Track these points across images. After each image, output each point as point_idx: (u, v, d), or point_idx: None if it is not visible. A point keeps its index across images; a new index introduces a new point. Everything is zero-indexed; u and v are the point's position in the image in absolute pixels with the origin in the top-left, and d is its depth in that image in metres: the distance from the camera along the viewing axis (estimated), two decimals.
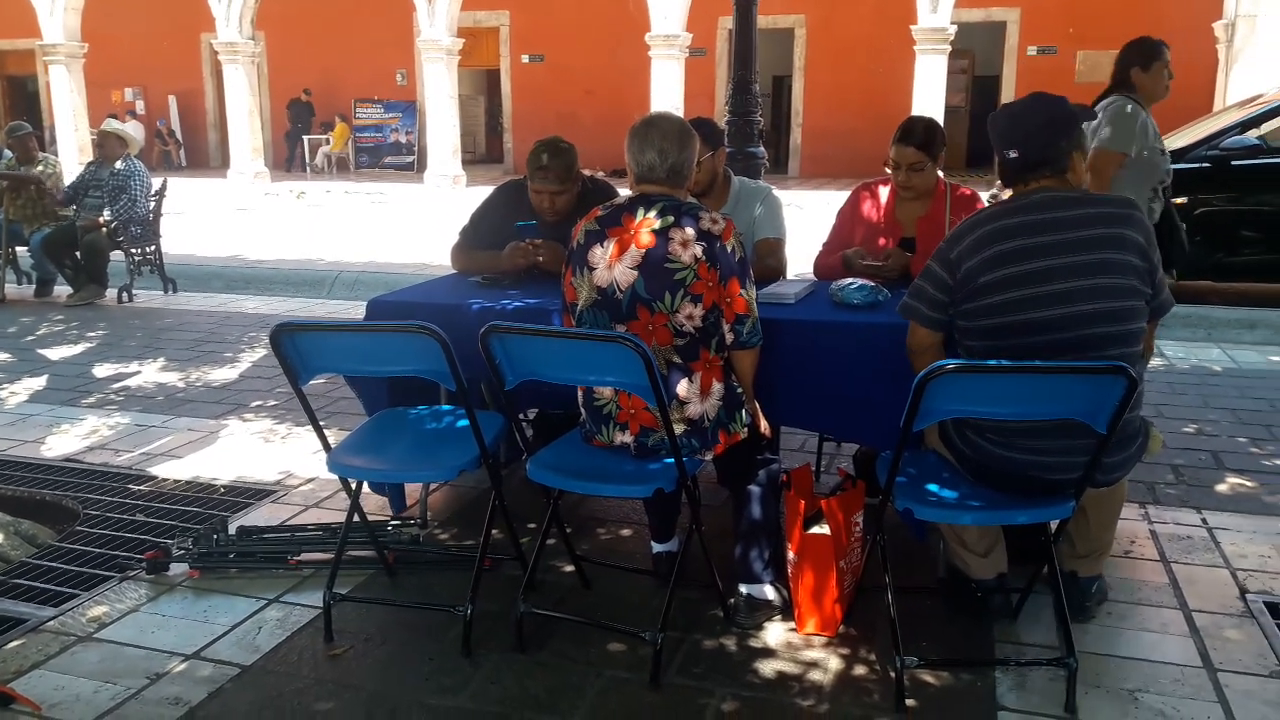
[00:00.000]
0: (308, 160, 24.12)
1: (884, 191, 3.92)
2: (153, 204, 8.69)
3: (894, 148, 3.74)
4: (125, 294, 8.55)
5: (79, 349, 6.83)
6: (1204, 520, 3.72)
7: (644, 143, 2.84)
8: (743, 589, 3.02)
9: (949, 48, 16.88)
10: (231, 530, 3.58)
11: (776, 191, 4.08)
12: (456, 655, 2.81)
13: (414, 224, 14.18)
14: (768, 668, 2.75)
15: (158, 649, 2.87)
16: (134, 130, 15.61)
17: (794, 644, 2.87)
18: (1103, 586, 3.05)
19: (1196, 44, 16.92)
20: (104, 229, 8.34)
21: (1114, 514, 2.99)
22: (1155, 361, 6.26)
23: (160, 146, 25.35)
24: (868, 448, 3.80)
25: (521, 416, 4.12)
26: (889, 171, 3.81)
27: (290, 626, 2.99)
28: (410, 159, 23.78)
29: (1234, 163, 7.73)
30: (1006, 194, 2.86)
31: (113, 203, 8.33)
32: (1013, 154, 2.70)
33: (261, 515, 3.81)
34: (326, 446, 2.99)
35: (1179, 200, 7.80)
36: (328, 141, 24.01)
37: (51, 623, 3.00)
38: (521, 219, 3.84)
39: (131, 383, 5.89)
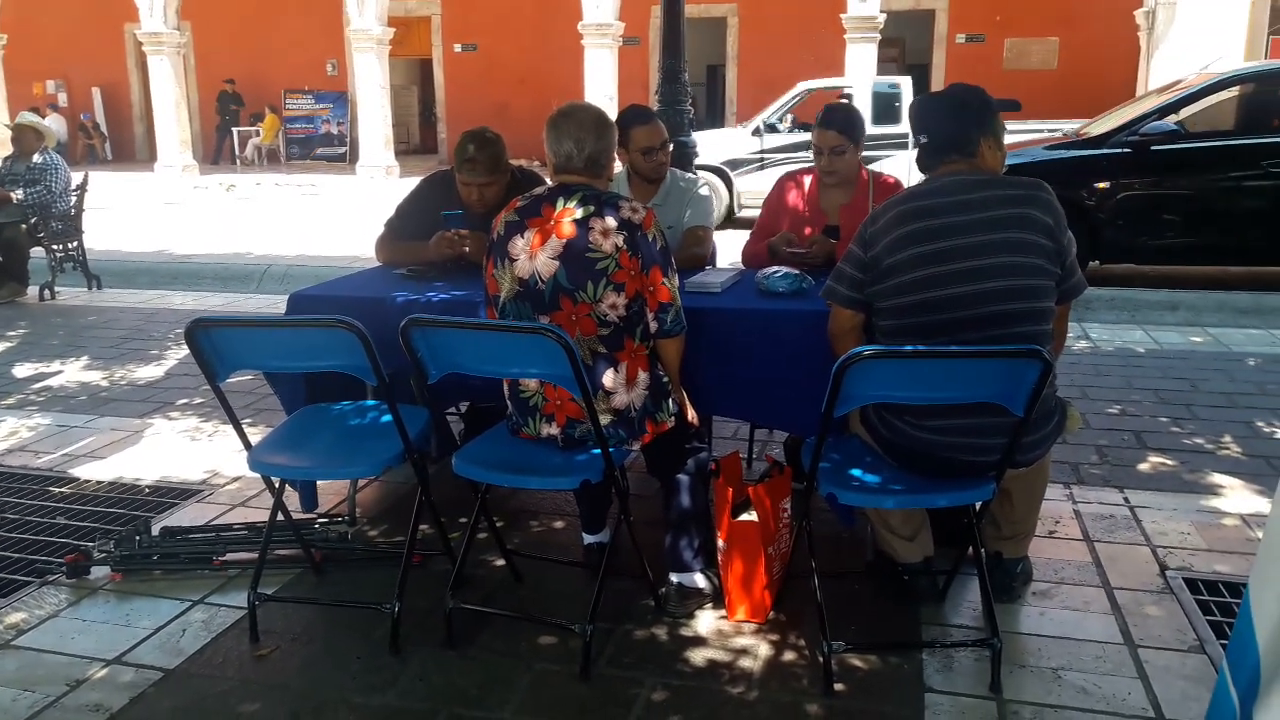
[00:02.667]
0: (237, 152, 23.68)
1: (808, 181, 3.95)
2: (74, 199, 8.48)
3: (814, 131, 3.79)
4: (47, 291, 8.33)
5: None
6: (1126, 499, 3.80)
7: (561, 133, 2.83)
8: (673, 578, 3.02)
9: (879, 36, 17.04)
10: (155, 531, 3.50)
11: (708, 183, 4.11)
12: (384, 653, 2.77)
13: (346, 216, 14.00)
14: (698, 656, 2.76)
15: (78, 655, 2.80)
16: (53, 123, 15.19)
17: (724, 631, 2.88)
18: (1027, 567, 3.11)
19: (1119, 31, 17.33)
20: (24, 225, 8.12)
21: (1037, 495, 3.04)
22: (1080, 343, 6.39)
23: (84, 140, 24.71)
24: (795, 434, 3.82)
25: (453, 410, 4.10)
26: (813, 157, 3.85)
27: (215, 628, 2.94)
28: (342, 150, 23.46)
29: (1154, 148, 7.90)
30: None
31: (26, 190, 8.09)
32: (924, 138, 2.79)
33: (186, 516, 3.73)
34: (247, 444, 2.93)
35: (1101, 185, 8.01)
36: (258, 133, 23.58)
37: None
38: (451, 209, 3.80)
39: (53, 382, 5.74)
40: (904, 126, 12.25)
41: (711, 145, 12.54)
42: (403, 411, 2.78)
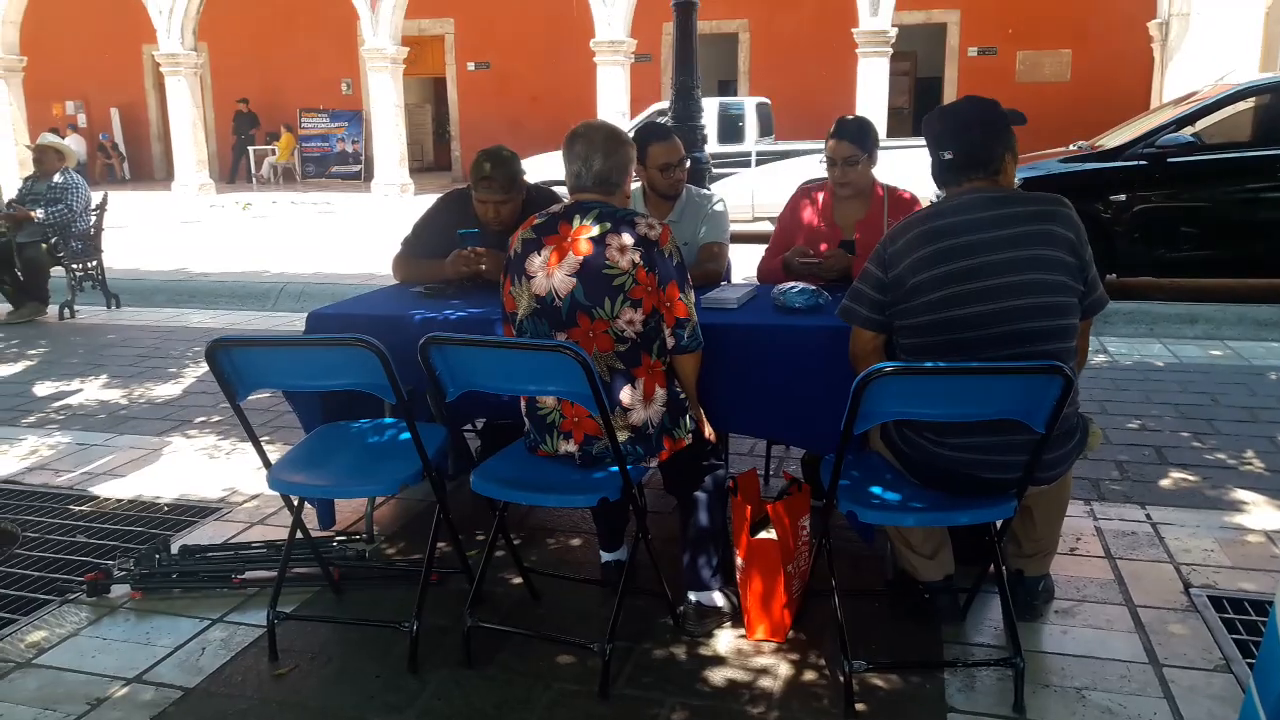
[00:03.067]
0: (253, 171, 23.84)
1: (822, 196, 3.94)
2: (93, 218, 8.55)
3: (828, 144, 3.78)
4: (67, 310, 8.39)
5: (19, 367, 6.68)
6: (1148, 516, 3.77)
7: (571, 153, 2.86)
8: (691, 596, 3.01)
9: (890, 50, 17.05)
10: (174, 549, 3.51)
11: (724, 199, 4.11)
12: (403, 672, 2.77)
13: (361, 233, 14.06)
14: (717, 675, 2.74)
15: (99, 673, 2.80)
16: (73, 143, 15.32)
17: (743, 651, 2.86)
18: (1049, 585, 3.08)
19: (1132, 43, 17.29)
20: (44, 244, 8.19)
21: (1059, 512, 3.01)
22: (1099, 358, 6.36)
23: (103, 160, 24.92)
24: (813, 451, 3.81)
25: (469, 426, 4.11)
26: (826, 170, 3.84)
27: (234, 647, 2.94)
28: (357, 168, 23.59)
29: (1170, 160, 7.87)
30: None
31: (47, 210, 8.17)
32: (948, 155, 2.74)
33: (205, 534, 3.74)
34: (266, 463, 2.94)
35: (1117, 197, 7.98)
36: (273, 152, 23.74)
37: None
38: (465, 228, 3.82)
39: (73, 401, 5.77)
40: (748, 145, 12.81)
41: (546, 165, 12.84)
42: (420, 429, 2.78)
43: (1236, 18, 14.17)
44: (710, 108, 12.61)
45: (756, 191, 12.21)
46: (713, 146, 11.54)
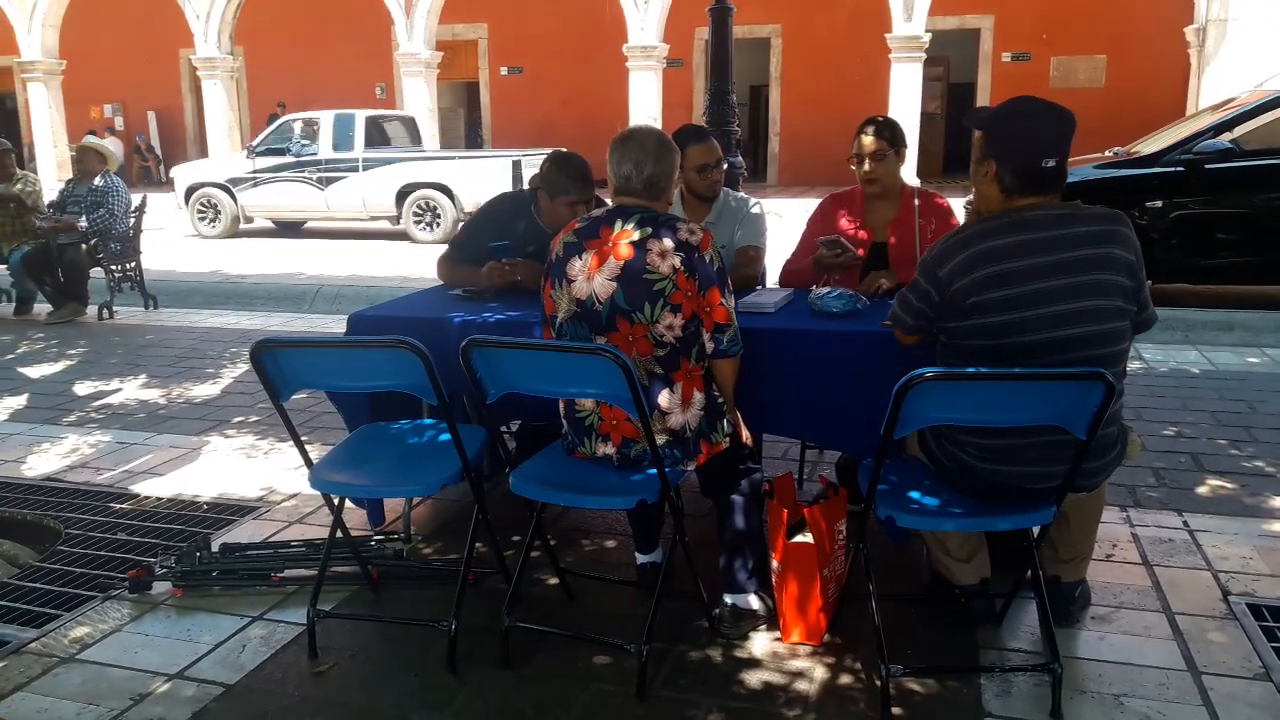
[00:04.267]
0: None
1: (852, 200, 3.94)
2: (132, 220, 8.66)
3: (856, 140, 3.79)
4: (106, 311, 8.50)
5: (59, 367, 6.78)
6: (1185, 523, 3.74)
7: (621, 155, 2.86)
8: (727, 599, 3.02)
9: (924, 55, 17.00)
10: (214, 547, 3.56)
11: (760, 203, 4.12)
12: (441, 671, 2.80)
13: (395, 237, 14.16)
14: (753, 678, 2.75)
15: (141, 669, 2.85)
16: (113, 146, 15.53)
17: (779, 654, 2.87)
18: (1086, 591, 3.07)
19: (1169, 49, 17.14)
20: (84, 245, 8.31)
21: (1095, 518, 3.00)
22: (1134, 365, 6.31)
23: (140, 162, 25.25)
24: (850, 455, 3.81)
25: (505, 428, 4.14)
26: (854, 168, 3.83)
27: (274, 644, 2.98)
28: None
29: (1208, 166, 7.79)
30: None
31: (89, 215, 8.30)
32: (1052, 162, 2.57)
33: (245, 532, 3.79)
34: (308, 462, 2.97)
35: (1154, 204, 7.91)
36: None
37: (33, 644, 2.98)
38: (514, 230, 3.85)
39: (112, 400, 5.85)
40: (358, 152, 14.26)
41: (215, 167, 15.62)
42: (460, 430, 2.81)
43: (1275, 23, 14.03)
44: (327, 118, 14.76)
45: (366, 194, 14.29)
46: (330, 153, 14.33)
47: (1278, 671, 2.71)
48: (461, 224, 4.14)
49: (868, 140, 3.76)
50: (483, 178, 13.31)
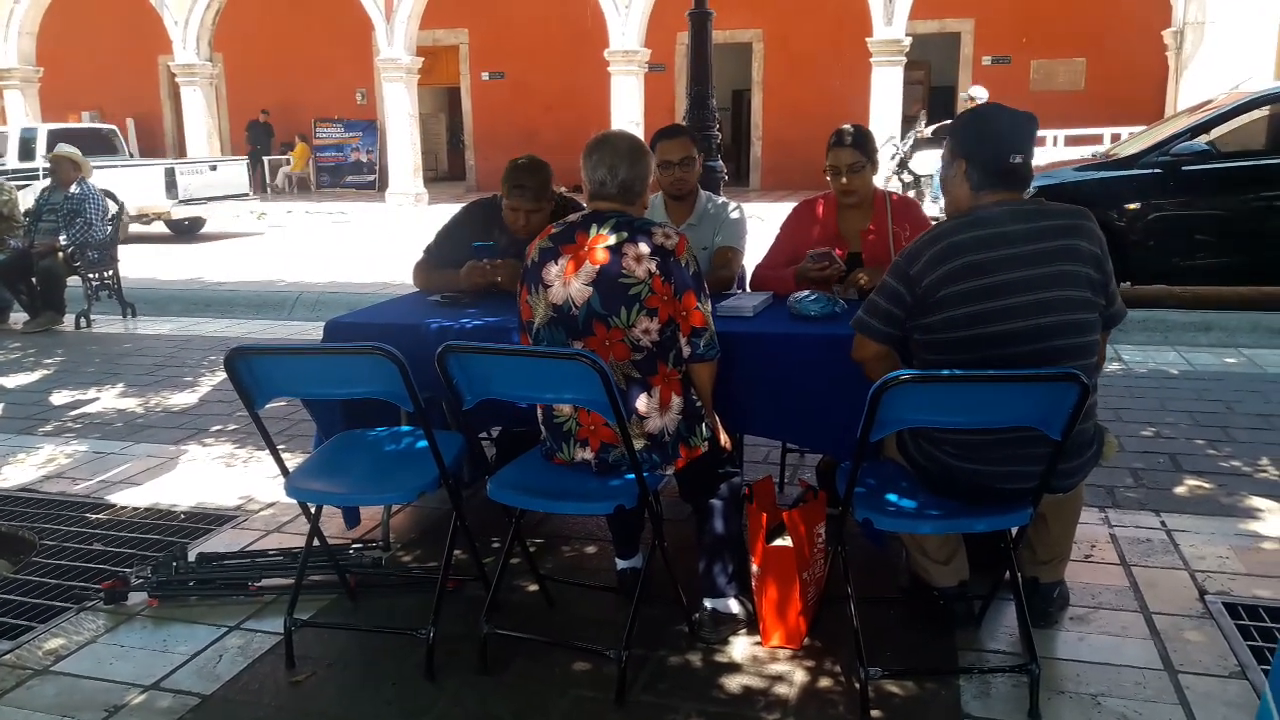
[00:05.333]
0: (268, 181, 23.97)
1: (824, 207, 3.93)
2: (109, 228, 8.61)
3: (831, 153, 3.78)
4: (83, 320, 8.45)
5: (35, 376, 6.73)
6: (1163, 523, 3.76)
7: (596, 160, 2.86)
8: (707, 603, 3.01)
9: (904, 59, 17.06)
10: (191, 557, 3.53)
11: (741, 206, 4.12)
12: (420, 679, 2.78)
13: (376, 243, 14.12)
14: (733, 682, 2.75)
15: (116, 680, 2.82)
16: None
17: (759, 657, 2.87)
18: (1064, 591, 3.08)
19: (1147, 51, 17.24)
20: (59, 254, 8.26)
21: (1073, 519, 3.01)
22: (1113, 365, 6.34)
23: None
24: (829, 458, 3.81)
25: (485, 434, 4.12)
26: (829, 180, 3.83)
27: (251, 654, 2.96)
28: (371, 178, 23.69)
29: (1185, 168, 7.85)
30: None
31: (68, 227, 8.26)
32: (1017, 158, 2.66)
33: (222, 541, 3.76)
34: (284, 471, 2.96)
35: (1132, 205, 7.97)
36: (288, 162, 23.87)
37: (7, 656, 2.95)
38: (487, 238, 3.84)
39: (89, 409, 5.81)
40: (37, 162, 14.84)
41: None
42: (437, 437, 2.80)
43: (1251, 26, 14.15)
44: (14, 129, 15.99)
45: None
46: (16, 163, 15.27)
47: (1253, 670, 2.72)
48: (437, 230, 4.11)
49: (845, 154, 3.75)
50: (137, 185, 14.47)
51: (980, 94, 13.75)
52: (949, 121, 3.11)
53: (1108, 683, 2.69)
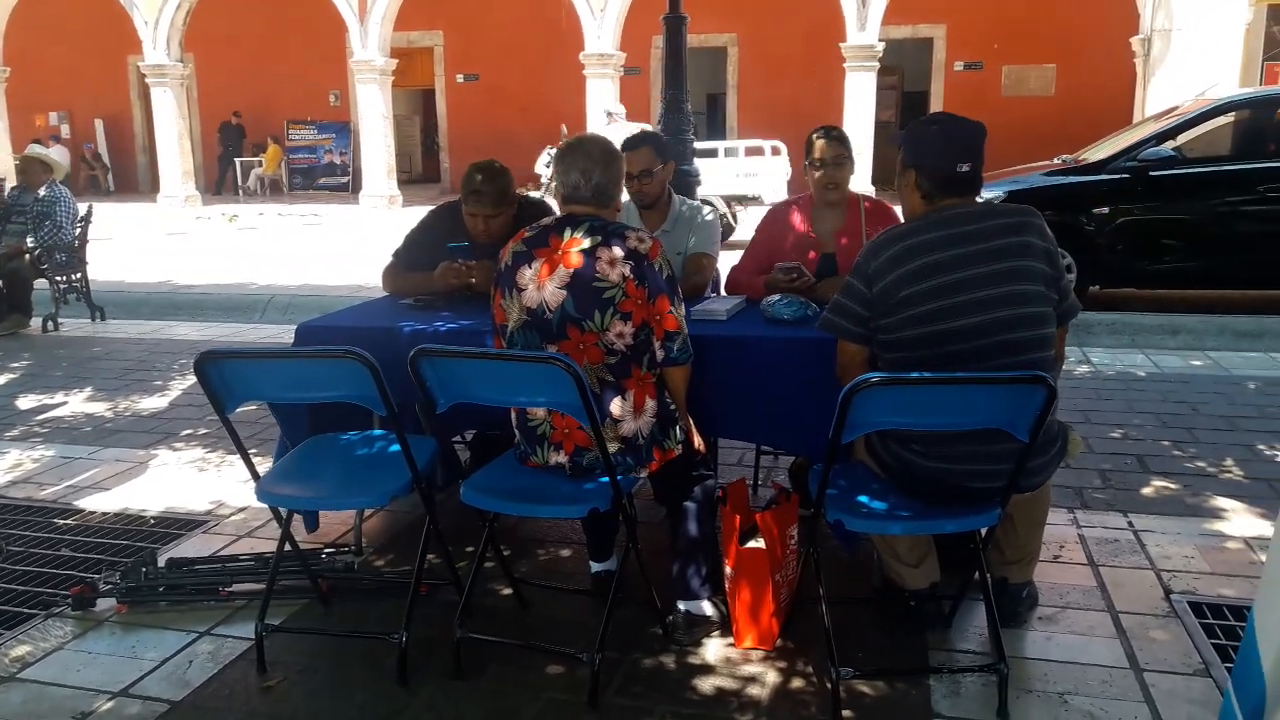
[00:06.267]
0: (240, 183, 23.82)
1: (799, 211, 3.95)
2: (78, 230, 8.53)
3: (814, 146, 3.81)
4: (51, 323, 8.35)
5: (2, 380, 6.65)
6: (1130, 523, 3.81)
7: (569, 164, 2.87)
8: (681, 606, 3.02)
9: (878, 64, 17.18)
10: (161, 563, 3.50)
11: (715, 210, 4.13)
12: (392, 684, 2.77)
13: (349, 245, 14.05)
14: (706, 684, 2.76)
15: (84, 687, 2.80)
16: (58, 155, 15.29)
17: (732, 659, 2.88)
18: (1033, 592, 3.11)
19: (1115, 59, 17.45)
20: (27, 256, 8.17)
21: (1040, 520, 3.05)
22: (1082, 368, 6.41)
23: (87, 171, 24.86)
24: (802, 459, 3.83)
25: (459, 438, 4.12)
26: (810, 176, 3.85)
27: (222, 659, 2.94)
28: (345, 180, 23.60)
29: (1152, 173, 7.95)
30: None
31: (36, 229, 8.18)
32: (965, 167, 2.73)
33: (192, 546, 3.74)
34: (255, 476, 2.94)
35: (1100, 210, 8.06)
36: (260, 163, 23.72)
37: None
38: (460, 240, 3.83)
39: (57, 414, 5.75)
40: None
41: None
42: (410, 441, 2.80)
43: (1217, 34, 14.34)
44: None
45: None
46: None
47: (1217, 667, 2.76)
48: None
49: (831, 146, 3.79)
50: None
51: (618, 109, 14.27)
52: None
53: (1075, 681, 2.73)
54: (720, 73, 22.17)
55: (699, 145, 14.97)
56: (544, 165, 14.84)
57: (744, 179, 13.77)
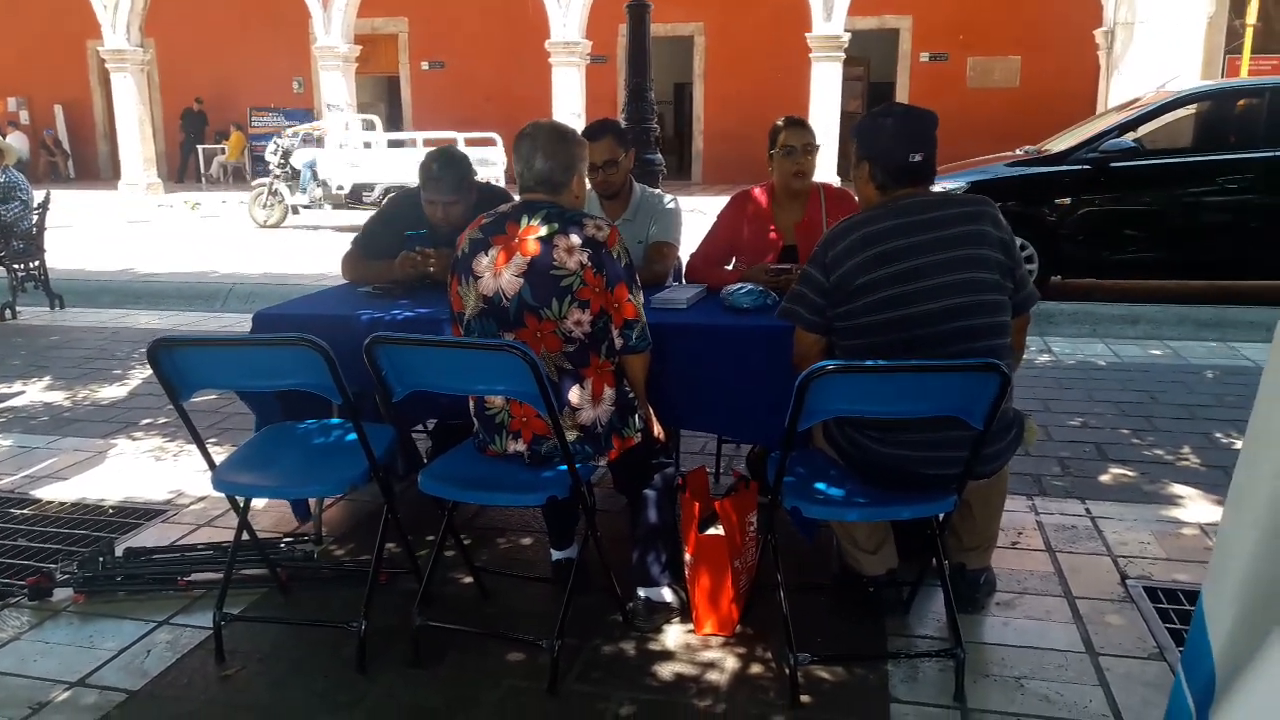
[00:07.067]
0: (203, 170, 23.54)
1: (762, 199, 3.95)
2: (35, 217, 8.40)
3: (785, 133, 3.79)
4: (8, 311, 8.23)
5: None
6: (1088, 510, 3.86)
7: (517, 151, 2.86)
8: (641, 592, 3.03)
9: (844, 54, 17.23)
10: (119, 552, 3.47)
11: (677, 199, 4.12)
12: (351, 672, 2.76)
13: (312, 234, 13.94)
14: (666, 670, 2.77)
15: (41, 677, 2.77)
16: (15, 141, 15.08)
17: (692, 645, 2.89)
18: (991, 578, 3.14)
19: (1079, 51, 17.59)
20: None
21: (998, 506, 3.08)
22: (1043, 357, 6.47)
23: (46, 158, 24.49)
24: (761, 448, 3.84)
25: (420, 427, 4.10)
26: (778, 164, 3.83)
27: (180, 649, 2.91)
28: None
29: (1113, 164, 8.03)
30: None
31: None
32: (918, 157, 2.76)
33: (151, 536, 3.70)
34: (211, 465, 2.91)
35: (1062, 201, 8.14)
36: (223, 151, 23.46)
37: None
38: (418, 228, 3.80)
39: (14, 403, 5.67)
40: None
41: None
42: (368, 429, 2.78)
43: (1179, 27, 14.50)
44: None
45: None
46: None
47: (1171, 651, 2.80)
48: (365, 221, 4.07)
49: (801, 133, 3.79)
50: None
51: (337, 101, 15.47)
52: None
53: (1031, 665, 2.76)
54: (688, 62, 22.15)
55: (397, 135, 16.05)
56: (271, 154, 15.63)
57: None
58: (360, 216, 14.73)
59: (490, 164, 15.04)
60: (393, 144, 15.99)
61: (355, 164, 15.26)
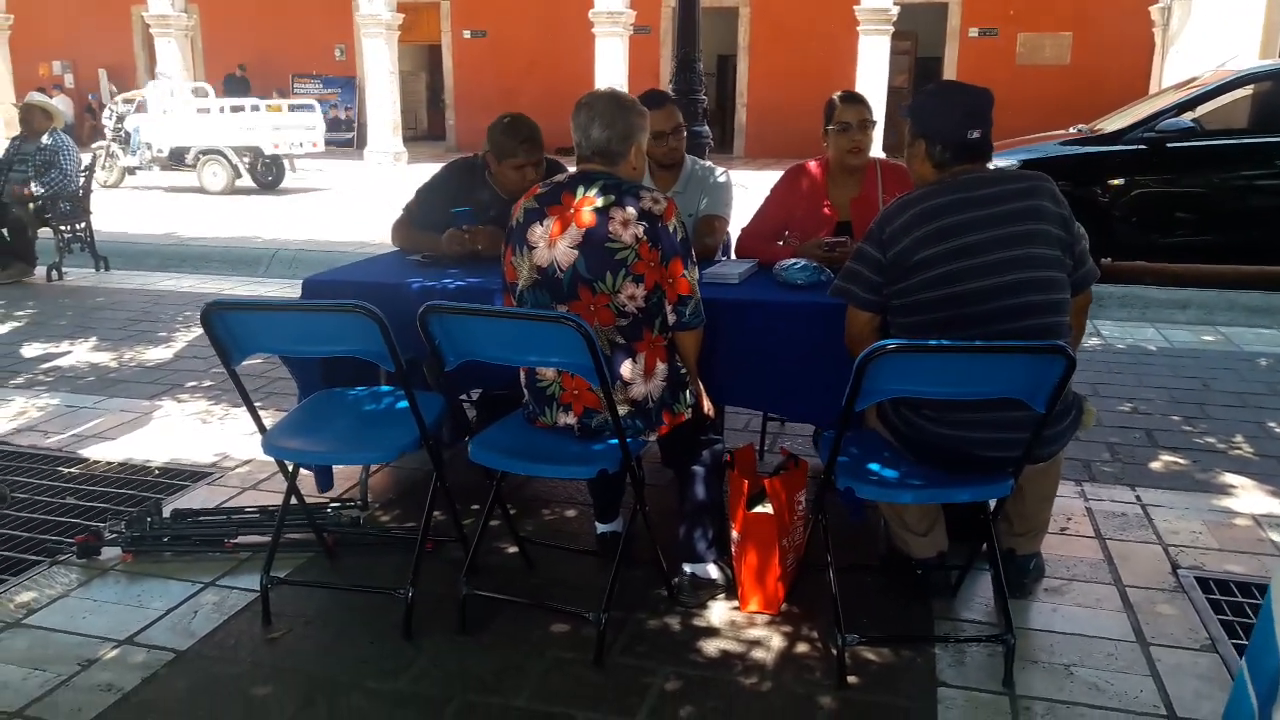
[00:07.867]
0: None
1: (817, 174, 3.89)
2: (82, 179, 8.47)
3: (841, 109, 3.72)
4: (55, 272, 8.32)
5: (6, 329, 6.63)
6: (1138, 497, 3.79)
7: (576, 120, 2.82)
8: (686, 568, 3.02)
9: (891, 29, 16.99)
10: (166, 513, 3.50)
11: (728, 172, 4.08)
12: (398, 638, 2.77)
13: (354, 201, 13.99)
14: (711, 646, 2.76)
15: (89, 634, 2.80)
16: (60, 104, 15.29)
17: (737, 622, 2.87)
18: (1040, 564, 3.10)
19: (1134, 27, 17.26)
20: (31, 204, 8.12)
21: (1050, 492, 3.03)
22: (1092, 340, 6.38)
23: (91, 121, 24.68)
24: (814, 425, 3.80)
25: (465, 396, 4.10)
26: (833, 140, 3.76)
27: (227, 610, 2.94)
28: (350, 135, 23.44)
29: (1169, 145, 7.87)
30: None
31: (41, 177, 8.12)
32: (976, 134, 2.72)
33: (197, 498, 3.73)
34: (261, 428, 2.93)
35: (1115, 181, 7.99)
36: None
37: None
38: (468, 198, 3.78)
39: (62, 363, 5.74)
40: None
41: None
42: (418, 398, 2.77)
43: (1238, 4, 14.14)
44: None
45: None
46: None
47: (1223, 643, 2.75)
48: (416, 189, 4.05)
49: (857, 109, 3.72)
50: None
51: (167, 70, 16.79)
52: None
53: (1080, 653, 2.72)
54: (732, 35, 21.94)
55: (232, 102, 16.65)
56: (106, 118, 16.75)
57: (282, 131, 16.16)
58: (183, 178, 16.05)
59: (310, 129, 16.60)
60: (235, 109, 16.63)
61: (174, 128, 16.12)
